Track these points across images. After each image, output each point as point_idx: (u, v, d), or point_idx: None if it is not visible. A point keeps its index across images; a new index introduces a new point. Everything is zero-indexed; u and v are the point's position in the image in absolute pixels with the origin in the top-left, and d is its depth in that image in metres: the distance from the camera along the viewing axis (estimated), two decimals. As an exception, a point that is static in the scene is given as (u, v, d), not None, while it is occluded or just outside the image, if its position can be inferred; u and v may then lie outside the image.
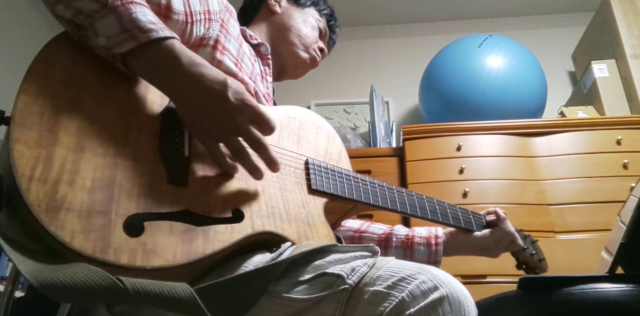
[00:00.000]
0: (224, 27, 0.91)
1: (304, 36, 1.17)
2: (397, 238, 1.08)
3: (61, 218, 0.55)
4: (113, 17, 0.65)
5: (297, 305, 0.61)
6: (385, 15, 3.07)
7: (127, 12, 0.65)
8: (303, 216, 0.78)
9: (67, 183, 0.58)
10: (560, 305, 0.81)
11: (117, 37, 0.65)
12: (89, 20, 0.65)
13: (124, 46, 0.65)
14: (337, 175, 0.89)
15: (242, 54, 0.95)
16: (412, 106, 2.91)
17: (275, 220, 0.74)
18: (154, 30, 0.66)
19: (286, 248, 0.71)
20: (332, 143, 0.96)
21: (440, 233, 1.09)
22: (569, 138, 2.09)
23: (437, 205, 1.03)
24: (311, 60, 1.19)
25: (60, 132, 0.61)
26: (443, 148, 2.12)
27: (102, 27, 0.65)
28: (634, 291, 0.77)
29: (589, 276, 0.83)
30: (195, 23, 0.84)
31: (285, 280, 0.64)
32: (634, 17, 2.33)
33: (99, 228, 0.57)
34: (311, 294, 0.61)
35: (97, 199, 0.59)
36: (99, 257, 0.55)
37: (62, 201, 0.56)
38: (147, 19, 0.67)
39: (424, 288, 0.58)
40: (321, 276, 0.63)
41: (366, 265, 0.63)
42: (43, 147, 0.59)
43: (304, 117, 0.94)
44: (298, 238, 0.75)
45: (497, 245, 1.08)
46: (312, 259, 0.66)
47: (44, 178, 0.57)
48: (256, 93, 0.94)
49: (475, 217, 1.10)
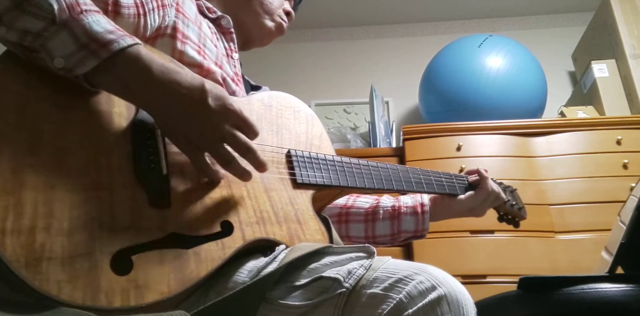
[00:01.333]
0: (180, 11, 0.85)
1: (266, 2, 1.06)
2: (384, 210, 1.08)
3: (44, 271, 0.52)
4: (66, 34, 0.58)
5: (294, 311, 0.60)
6: (385, 15, 3.07)
7: (79, 24, 0.59)
8: (292, 215, 0.77)
9: (43, 230, 0.53)
10: (560, 305, 0.81)
11: (76, 56, 0.58)
12: (39, 41, 0.58)
13: (85, 65, 0.59)
14: (321, 162, 0.86)
15: (203, 38, 0.89)
16: (412, 106, 2.91)
17: (265, 225, 0.72)
18: (114, 40, 0.60)
19: (280, 252, 0.70)
20: (311, 126, 0.93)
21: (425, 201, 1.09)
22: (569, 138, 2.09)
23: (422, 174, 1.02)
24: (277, 28, 1.09)
25: (25, 172, 0.55)
26: (443, 148, 2.12)
27: (56, 47, 0.58)
28: (634, 291, 0.77)
29: (589, 277, 0.83)
30: (148, 13, 0.77)
31: (281, 285, 0.63)
32: (634, 17, 2.33)
33: (85, 273, 0.54)
34: (308, 300, 0.60)
35: (78, 241, 0.55)
36: (90, 305, 0.53)
37: (41, 250, 0.52)
38: (102, 28, 0.60)
39: (422, 288, 0.57)
40: (317, 280, 0.62)
41: (362, 266, 0.62)
42: (10, 193, 0.53)
43: (280, 102, 0.90)
44: (290, 239, 0.74)
45: (482, 204, 1.09)
46: (308, 262, 0.65)
47: (17, 229, 0.52)
48: (224, 80, 0.89)
49: (458, 180, 1.10)
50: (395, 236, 1.07)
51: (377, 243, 1.08)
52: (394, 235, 1.07)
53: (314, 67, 3.09)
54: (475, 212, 1.10)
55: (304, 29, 3.17)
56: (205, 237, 0.65)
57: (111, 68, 0.60)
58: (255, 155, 0.69)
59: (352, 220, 1.08)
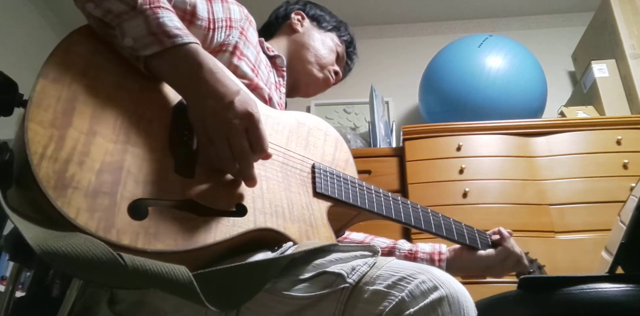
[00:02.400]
0: (244, 34, 0.94)
1: (320, 56, 1.19)
2: (400, 252, 1.09)
3: (68, 195, 0.57)
4: (141, 20, 0.68)
5: (297, 302, 0.62)
6: (385, 15, 3.07)
7: (154, 15, 0.68)
8: (306, 217, 0.79)
9: (76, 164, 0.60)
10: (560, 305, 0.81)
11: (144, 40, 0.68)
12: (117, 20, 0.68)
13: (149, 49, 0.68)
14: (343, 181, 0.90)
15: (259, 61, 0.97)
16: (412, 106, 2.91)
17: (278, 218, 0.74)
18: (180, 35, 0.69)
19: (288, 248, 0.71)
20: (339, 150, 0.97)
21: (444, 250, 1.09)
22: (569, 138, 2.09)
23: (442, 219, 1.02)
24: (324, 80, 1.21)
25: (74, 116, 0.63)
26: (443, 148, 2.12)
27: (130, 28, 0.68)
28: (634, 291, 0.77)
29: (589, 277, 0.83)
30: (217, 29, 0.88)
31: (286, 278, 0.64)
32: (634, 17, 2.33)
33: (104, 209, 0.59)
34: (311, 292, 0.62)
35: (104, 181, 0.60)
36: (101, 236, 0.56)
37: (70, 179, 0.58)
38: (173, 24, 0.69)
39: (424, 288, 0.58)
40: (321, 274, 0.63)
41: (366, 264, 0.63)
42: (57, 128, 0.61)
43: (313, 123, 0.96)
44: (299, 237, 0.75)
45: (502, 264, 1.07)
46: (313, 258, 0.66)
47: (54, 157, 0.58)
48: (270, 100, 0.95)
49: (480, 235, 1.09)
50: None
51: None
52: None
53: (314, 67, 3.09)
54: (495, 271, 1.08)
55: (304, 29, 3.16)
56: (220, 212, 0.68)
57: (169, 56, 0.69)
58: (249, 164, 0.71)
59: None
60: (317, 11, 1.27)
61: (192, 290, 0.53)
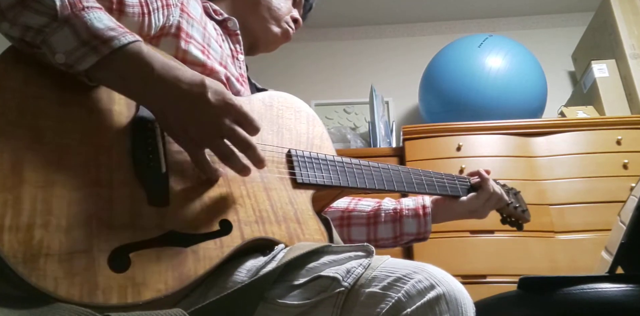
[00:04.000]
0: (185, 11, 0.85)
1: (274, 8, 1.06)
2: (386, 212, 1.08)
3: (41, 267, 0.52)
4: (67, 30, 0.59)
5: (292, 310, 0.60)
6: (385, 15, 3.07)
7: (81, 21, 0.59)
8: (291, 214, 0.77)
9: (41, 227, 0.54)
10: (560, 305, 0.81)
11: (77, 52, 0.59)
12: (41, 36, 0.59)
13: (86, 61, 0.59)
14: (322, 162, 0.86)
15: (208, 38, 0.88)
16: (412, 106, 2.91)
17: (265, 224, 0.72)
18: (115, 37, 0.60)
19: (279, 251, 0.70)
20: (312, 126, 0.93)
21: (427, 203, 1.09)
22: (569, 138, 2.09)
23: (423, 175, 1.02)
24: (284, 34, 1.09)
25: (24, 169, 0.56)
26: (443, 148, 2.11)
27: (57, 43, 0.59)
28: (634, 291, 0.77)
29: (588, 277, 0.83)
30: (153, 12, 0.77)
31: (280, 284, 0.63)
32: (634, 17, 2.33)
33: (82, 270, 0.54)
34: (306, 299, 0.60)
35: (76, 238, 0.55)
36: (87, 302, 0.53)
37: (39, 247, 0.53)
38: (104, 25, 0.60)
39: (420, 287, 0.57)
40: (316, 279, 0.62)
41: (361, 265, 0.62)
42: (8, 190, 0.54)
43: (281, 102, 0.90)
44: (289, 238, 0.74)
45: (484, 206, 1.09)
46: (306, 261, 0.65)
47: (15, 225, 0.52)
48: (228, 80, 0.88)
49: (460, 182, 1.09)
50: (398, 238, 1.07)
51: (380, 246, 1.08)
52: (396, 237, 1.07)
53: (314, 67, 3.09)
54: (477, 213, 1.10)
55: (304, 28, 3.16)
56: (204, 236, 0.65)
57: (111, 64, 0.61)
58: (255, 151, 0.69)
59: (354, 223, 1.08)
60: None
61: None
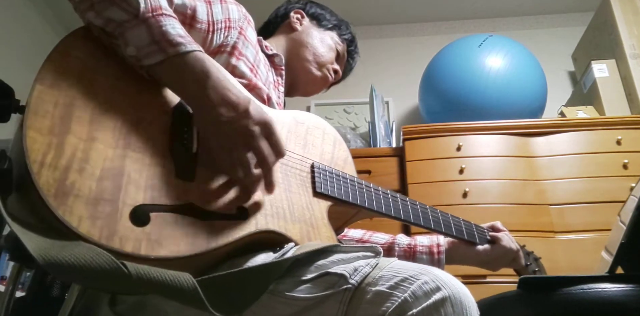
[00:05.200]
0: (242, 34, 0.93)
1: (319, 54, 1.18)
2: (400, 247, 1.08)
3: (69, 204, 0.56)
4: (144, 28, 0.67)
5: (299, 303, 0.62)
6: (385, 15, 3.07)
7: (157, 24, 0.67)
8: (307, 217, 0.79)
9: (76, 171, 0.59)
10: (560, 305, 0.81)
11: (147, 49, 0.67)
12: (120, 29, 0.67)
13: (153, 58, 0.67)
14: (342, 180, 0.89)
15: (258, 61, 0.96)
16: (412, 106, 2.91)
17: (279, 219, 0.74)
18: (183, 43, 0.68)
19: (289, 249, 0.71)
20: (338, 149, 0.97)
21: (442, 242, 1.08)
22: (569, 138, 2.09)
23: (441, 216, 1.02)
24: (323, 78, 1.20)
25: (72, 121, 0.62)
26: (443, 148, 2.12)
27: (132, 37, 0.67)
28: (634, 291, 0.77)
29: (589, 277, 0.83)
30: (216, 31, 0.87)
31: (288, 279, 0.64)
32: (634, 17, 2.33)
33: (105, 216, 0.58)
34: (314, 293, 0.62)
35: (105, 188, 0.60)
36: (104, 244, 0.56)
37: (71, 187, 0.58)
38: (176, 32, 0.68)
39: (427, 288, 0.58)
40: (324, 275, 0.63)
41: (369, 265, 0.63)
42: (55, 135, 0.60)
43: (312, 122, 0.96)
44: (301, 238, 0.75)
45: (498, 261, 1.08)
46: (315, 259, 0.66)
47: (54, 165, 0.58)
48: (269, 99, 0.95)
49: (478, 230, 1.09)
50: None
51: None
52: None
53: (314, 67, 3.09)
54: (490, 266, 1.09)
55: (304, 29, 3.16)
56: (221, 215, 0.68)
57: (173, 65, 0.68)
58: (271, 173, 0.73)
59: None
60: (317, 10, 1.26)
61: (196, 297, 0.54)
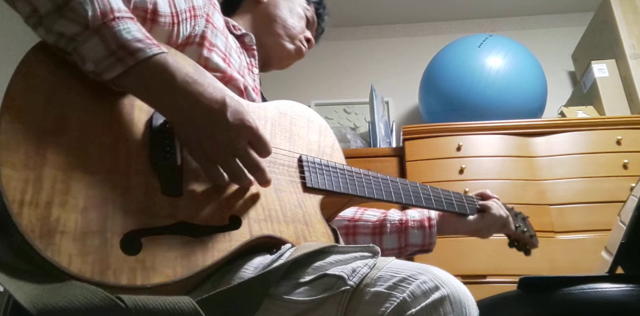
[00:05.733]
0: (210, 22, 0.88)
1: (289, 26, 1.12)
2: (391, 223, 1.09)
3: (57, 243, 0.54)
4: (97, 40, 0.61)
5: (298, 307, 0.61)
6: (385, 15, 3.07)
7: (110, 31, 0.61)
8: (300, 216, 0.78)
9: (59, 205, 0.56)
10: (561, 305, 0.81)
11: (105, 61, 0.61)
12: (72, 44, 0.61)
13: (113, 70, 0.62)
14: (332, 170, 0.88)
15: (229, 48, 0.92)
16: (412, 106, 2.91)
17: (273, 222, 0.73)
18: (142, 49, 0.62)
19: (286, 250, 0.70)
20: (324, 136, 0.95)
21: (433, 215, 1.09)
22: (569, 138, 2.09)
23: (431, 191, 1.03)
24: (297, 51, 1.14)
25: (47, 151, 0.59)
26: (443, 148, 2.12)
27: (88, 52, 0.61)
28: (634, 291, 0.77)
29: (589, 277, 0.83)
30: (182, 22, 0.81)
31: (286, 282, 0.64)
32: (634, 17, 2.33)
33: (95, 250, 0.56)
34: (312, 296, 0.61)
35: (91, 219, 0.57)
36: (98, 280, 0.54)
37: (56, 224, 0.55)
38: (132, 36, 0.62)
39: (425, 288, 0.58)
40: (322, 277, 0.63)
41: (367, 265, 0.63)
42: (31, 169, 0.56)
43: (295, 111, 0.93)
44: (296, 239, 0.75)
45: (489, 228, 1.10)
46: (313, 260, 0.66)
47: (35, 202, 0.55)
48: (245, 89, 0.92)
49: (468, 201, 1.10)
50: (402, 249, 1.08)
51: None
52: (401, 248, 1.08)
53: (314, 67, 3.09)
54: (481, 233, 1.11)
55: (304, 29, 3.16)
56: (213, 228, 0.66)
57: (136, 74, 0.63)
58: (264, 174, 0.71)
59: (359, 232, 1.08)
60: None
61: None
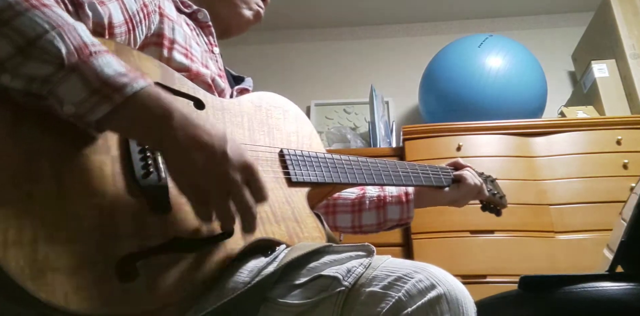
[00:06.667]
0: (163, 15, 0.83)
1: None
2: (370, 200, 1.11)
3: (49, 282, 0.51)
4: (76, 78, 0.54)
5: (293, 309, 0.61)
6: (385, 15, 3.07)
7: (90, 67, 0.55)
8: (289, 213, 0.77)
9: (45, 240, 0.52)
10: (561, 305, 0.81)
11: (88, 102, 0.54)
12: (47, 87, 0.54)
13: (99, 111, 0.55)
14: (314, 160, 0.87)
15: (188, 38, 0.87)
16: (412, 106, 2.91)
17: (264, 224, 0.73)
18: (127, 83, 0.56)
19: (280, 251, 0.70)
20: (301, 125, 0.94)
21: (410, 190, 1.12)
22: (569, 138, 2.09)
23: (409, 168, 1.05)
24: (255, 15, 1.08)
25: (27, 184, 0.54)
26: (443, 148, 2.12)
27: (66, 93, 0.54)
28: (634, 289, 0.77)
29: (588, 275, 0.83)
30: (137, 26, 0.76)
31: (281, 284, 0.63)
32: (634, 17, 2.33)
33: (92, 283, 0.53)
34: (307, 298, 0.61)
35: (81, 251, 0.54)
36: (100, 314, 0.53)
37: (45, 262, 0.51)
38: (114, 71, 0.56)
39: (421, 286, 0.58)
40: (317, 279, 0.62)
41: (362, 265, 0.62)
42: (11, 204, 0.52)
43: (269, 103, 0.90)
44: (289, 238, 0.74)
45: (465, 197, 1.14)
46: (307, 261, 0.65)
47: (19, 241, 0.51)
48: (213, 80, 0.87)
49: (444, 173, 1.13)
50: (382, 224, 1.11)
51: (364, 232, 1.12)
52: (380, 223, 1.11)
53: (314, 67, 3.09)
54: (457, 203, 1.15)
55: (304, 29, 3.17)
56: (207, 240, 0.65)
57: (125, 112, 0.56)
58: (254, 219, 0.64)
59: (339, 211, 1.11)
60: None
61: None
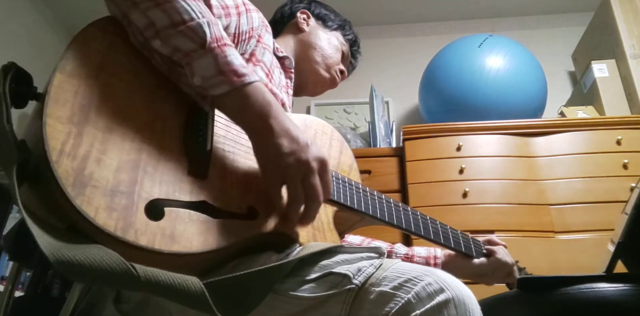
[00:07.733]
0: (260, 41, 0.96)
1: (327, 56, 1.21)
2: (397, 256, 1.10)
3: (87, 194, 0.56)
4: (210, 58, 0.67)
5: (303, 303, 0.62)
6: (385, 15, 3.07)
7: (223, 54, 0.68)
8: (315, 222, 0.79)
9: (94, 161, 0.59)
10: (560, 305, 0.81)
11: (213, 79, 0.67)
12: (187, 59, 0.68)
13: (219, 88, 0.68)
14: (348, 186, 0.90)
15: (273, 66, 0.98)
16: (412, 106, 2.91)
17: (287, 222, 0.74)
18: (247, 74, 0.69)
19: (294, 250, 0.71)
20: (344, 155, 0.98)
21: (439, 254, 1.11)
22: (569, 138, 2.09)
23: (440, 227, 1.04)
24: (331, 80, 1.23)
25: (91, 112, 0.62)
26: (443, 148, 2.12)
27: (199, 67, 0.67)
28: (632, 291, 0.77)
29: (587, 276, 0.83)
30: (240, 43, 0.90)
31: (292, 279, 0.64)
32: (634, 17, 2.33)
33: (122, 208, 0.58)
34: (317, 293, 0.62)
35: (122, 180, 0.60)
36: (119, 236, 0.56)
37: (89, 177, 0.57)
38: (239, 62, 0.69)
39: (430, 290, 0.59)
40: (328, 275, 0.63)
41: (372, 265, 0.63)
42: (74, 124, 0.60)
43: (319, 127, 0.97)
44: (307, 241, 0.76)
45: (493, 274, 1.09)
46: (320, 259, 0.67)
47: (73, 154, 0.57)
48: (283, 105, 0.97)
49: (475, 244, 1.11)
50: None
51: None
52: None
53: (314, 67, 3.09)
54: (485, 279, 1.11)
55: (304, 29, 3.16)
56: (232, 214, 0.68)
57: (238, 96, 0.69)
58: (317, 208, 0.73)
59: None
60: (322, 10, 1.29)
61: (203, 301, 0.54)
